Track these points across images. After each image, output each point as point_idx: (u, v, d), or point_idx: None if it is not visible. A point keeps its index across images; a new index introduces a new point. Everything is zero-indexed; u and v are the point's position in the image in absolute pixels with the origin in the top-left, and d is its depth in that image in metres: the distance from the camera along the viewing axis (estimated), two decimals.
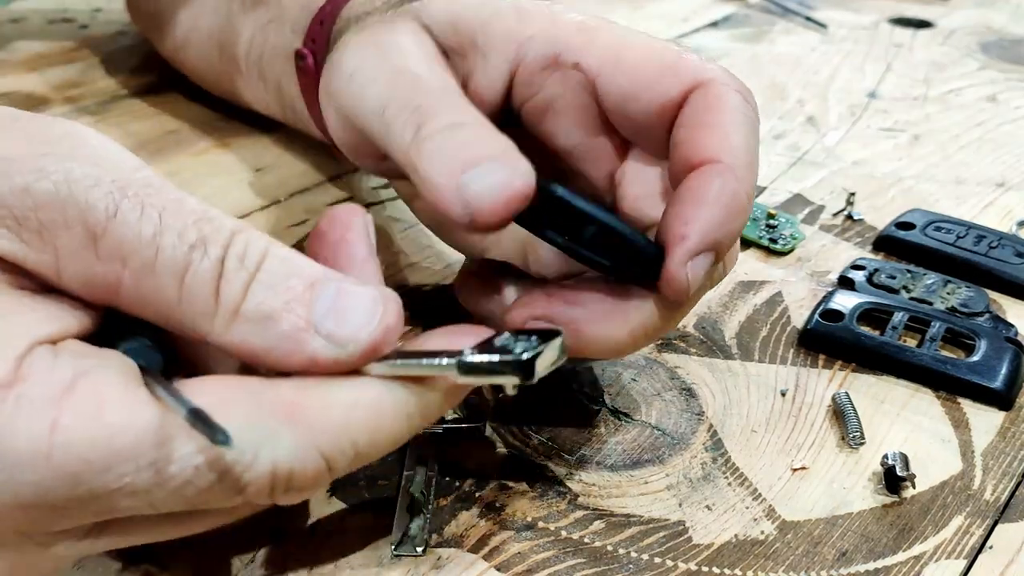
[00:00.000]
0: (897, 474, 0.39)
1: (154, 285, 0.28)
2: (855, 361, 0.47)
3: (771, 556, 0.37)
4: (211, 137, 0.64)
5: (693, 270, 0.33)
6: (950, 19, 0.95)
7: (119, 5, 0.77)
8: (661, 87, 0.36)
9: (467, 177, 0.32)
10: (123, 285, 0.28)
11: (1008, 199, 0.63)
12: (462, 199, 0.32)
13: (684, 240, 0.33)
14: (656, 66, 0.36)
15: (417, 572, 0.35)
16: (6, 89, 0.68)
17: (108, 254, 0.27)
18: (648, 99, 0.36)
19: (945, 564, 0.37)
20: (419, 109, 0.35)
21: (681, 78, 0.36)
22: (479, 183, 0.32)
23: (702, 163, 0.34)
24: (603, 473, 0.40)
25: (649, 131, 0.37)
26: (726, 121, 0.35)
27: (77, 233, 0.27)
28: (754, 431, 0.43)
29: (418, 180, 0.34)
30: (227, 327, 0.28)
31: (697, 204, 0.33)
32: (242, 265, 0.28)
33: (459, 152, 0.33)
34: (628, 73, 0.37)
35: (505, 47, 0.38)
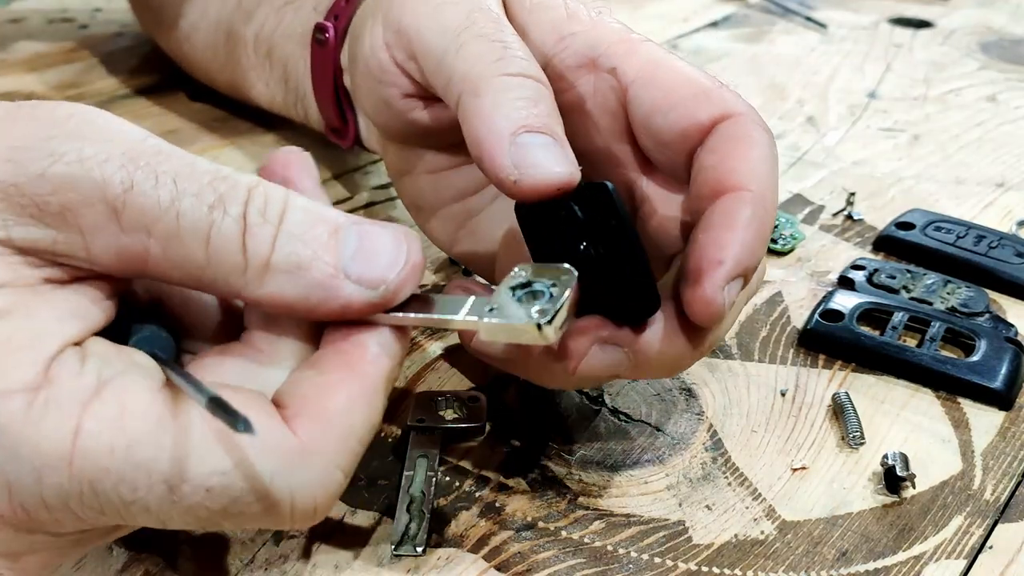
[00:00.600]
0: (897, 474, 0.39)
1: (181, 249, 0.28)
2: (855, 361, 0.47)
3: (771, 556, 0.37)
4: (211, 137, 0.64)
5: (728, 294, 0.33)
6: (950, 19, 0.95)
7: (119, 5, 0.77)
8: (691, 109, 0.36)
9: (526, 138, 0.33)
10: (151, 254, 0.28)
11: (1008, 199, 0.63)
12: (514, 156, 0.33)
13: (721, 265, 0.33)
14: (691, 89, 0.37)
15: (417, 572, 0.35)
16: (6, 89, 0.68)
17: (132, 225, 0.28)
18: (676, 117, 0.37)
19: (945, 564, 0.37)
20: (503, 43, 0.36)
21: (713, 106, 0.36)
22: (538, 152, 0.33)
23: (732, 189, 0.35)
24: (603, 473, 0.40)
25: (670, 149, 0.38)
26: (754, 154, 0.35)
27: (99, 210, 0.27)
28: (754, 431, 0.43)
29: (474, 109, 0.34)
30: (259, 281, 0.29)
31: (731, 229, 0.34)
32: (265, 219, 0.29)
33: (531, 108, 0.34)
34: (662, 88, 0.37)
35: (547, 37, 0.39)
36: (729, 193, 0.35)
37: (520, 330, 0.29)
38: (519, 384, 0.44)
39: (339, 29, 0.51)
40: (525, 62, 0.36)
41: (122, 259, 0.28)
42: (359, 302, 0.29)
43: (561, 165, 0.33)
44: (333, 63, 0.52)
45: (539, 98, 0.35)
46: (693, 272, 0.34)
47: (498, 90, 0.35)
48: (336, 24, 0.51)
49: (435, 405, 0.42)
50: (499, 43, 0.36)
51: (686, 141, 0.37)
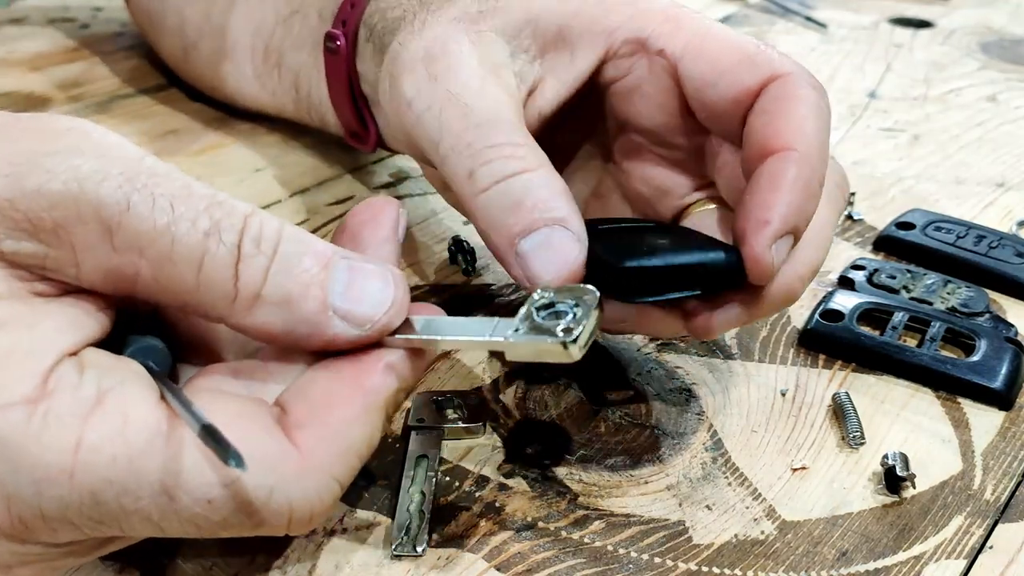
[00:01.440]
0: (897, 474, 0.39)
1: (172, 273, 0.28)
2: (855, 361, 0.47)
3: (771, 556, 0.37)
4: (211, 137, 0.64)
5: (777, 252, 0.35)
6: (950, 19, 0.95)
7: (119, 4, 0.77)
8: (739, 76, 0.38)
9: (523, 246, 0.35)
10: (141, 275, 0.28)
11: (1008, 199, 0.63)
12: (520, 267, 0.35)
13: (767, 225, 0.35)
14: (736, 56, 0.38)
15: (417, 572, 0.35)
16: (7, 89, 0.68)
17: (125, 246, 0.28)
18: (726, 86, 0.38)
19: (945, 564, 0.37)
20: (470, 147, 0.37)
21: (759, 69, 0.38)
22: (536, 257, 0.35)
23: (777, 151, 0.36)
24: (603, 473, 0.40)
25: (724, 118, 0.39)
26: (800, 112, 0.36)
27: (92, 229, 0.27)
28: (754, 431, 0.43)
29: (478, 230, 0.37)
30: (247, 311, 0.29)
31: (775, 190, 0.35)
32: (259, 249, 0.29)
33: (514, 214, 0.35)
34: (709, 60, 0.38)
35: (594, 40, 0.40)
36: (774, 154, 0.36)
37: (546, 349, 0.30)
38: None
39: (349, 34, 0.51)
40: (494, 163, 0.36)
41: (111, 279, 0.28)
42: (344, 338, 0.30)
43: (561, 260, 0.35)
44: (347, 70, 0.51)
45: (520, 195, 0.35)
46: (740, 233, 0.35)
47: (482, 209, 0.36)
48: (345, 30, 0.51)
49: (435, 405, 0.42)
50: (467, 150, 0.37)
51: (738, 107, 0.38)
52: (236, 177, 0.59)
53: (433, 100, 0.38)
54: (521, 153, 0.36)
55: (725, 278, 0.36)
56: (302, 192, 0.58)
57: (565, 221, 0.35)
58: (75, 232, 0.27)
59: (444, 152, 0.37)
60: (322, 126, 0.58)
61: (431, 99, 0.38)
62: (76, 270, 0.28)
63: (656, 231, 0.39)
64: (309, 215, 0.56)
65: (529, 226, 0.35)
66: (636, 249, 0.36)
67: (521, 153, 0.36)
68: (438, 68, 0.39)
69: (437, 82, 0.38)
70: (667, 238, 0.38)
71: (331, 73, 0.53)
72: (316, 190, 0.59)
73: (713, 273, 0.36)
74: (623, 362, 0.46)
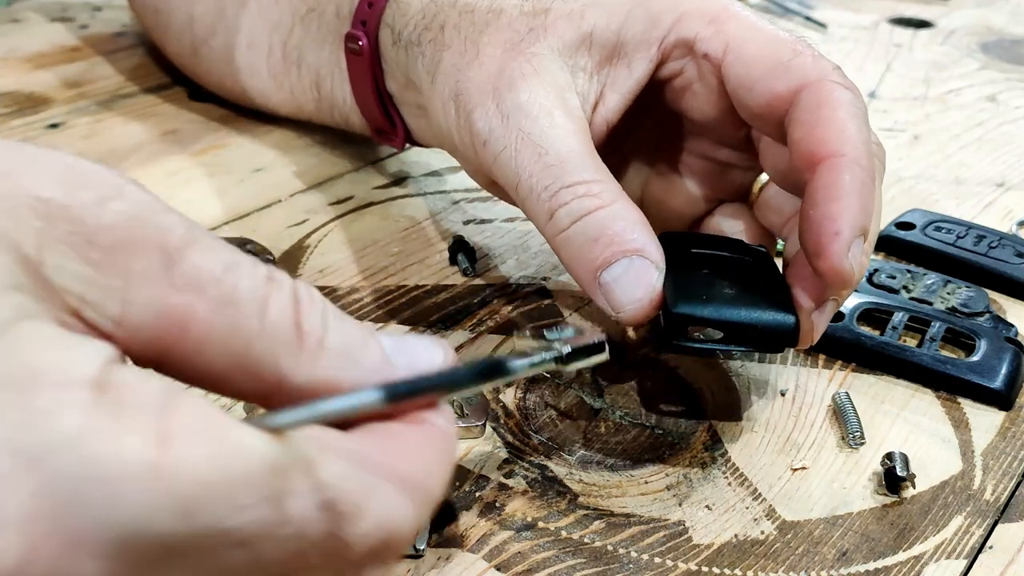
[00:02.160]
0: (897, 474, 0.39)
1: (235, 317, 0.24)
2: (855, 361, 0.47)
3: (771, 556, 0.37)
4: (211, 137, 0.64)
5: (854, 258, 0.36)
6: (950, 19, 0.95)
7: (120, 3, 0.77)
8: (771, 83, 0.39)
9: (605, 277, 0.37)
10: (196, 320, 0.24)
11: (1008, 199, 0.63)
12: (605, 296, 0.37)
13: (840, 236, 0.36)
14: (770, 62, 0.39)
15: (417, 572, 0.35)
16: (7, 89, 0.68)
17: (184, 282, 0.24)
18: (759, 92, 0.40)
19: (945, 564, 0.37)
20: (547, 190, 0.39)
21: (791, 76, 0.39)
22: (618, 287, 0.37)
23: (825, 158, 0.37)
24: (603, 473, 0.40)
25: (763, 119, 0.40)
26: (839, 116, 0.38)
27: (154, 258, 0.24)
28: (754, 431, 0.43)
29: (564, 267, 0.40)
30: (313, 362, 0.25)
31: (838, 200, 0.36)
32: (312, 298, 0.26)
33: (593, 249, 0.38)
34: (746, 65, 0.40)
35: (646, 51, 0.42)
36: (824, 162, 0.37)
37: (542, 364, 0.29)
38: None
39: (371, 34, 0.51)
40: (571, 204, 0.38)
41: (162, 320, 0.24)
42: None
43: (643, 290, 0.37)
44: (371, 69, 0.52)
45: (598, 230, 0.38)
46: (814, 247, 0.36)
47: (563, 248, 0.39)
48: (366, 29, 0.51)
49: None
50: (544, 194, 0.39)
51: (773, 112, 0.39)
52: (236, 177, 0.59)
53: (508, 141, 0.40)
54: (596, 190, 0.39)
55: (778, 342, 0.37)
56: (302, 192, 0.58)
57: (642, 251, 0.37)
58: (134, 257, 0.24)
59: (523, 194, 0.40)
60: (346, 126, 0.58)
61: (505, 140, 0.40)
62: (121, 308, 0.24)
63: (736, 268, 0.40)
64: (309, 215, 0.56)
65: (609, 259, 0.37)
66: (697, 291, 0.37)
67: (596, 190, 0.39)
68: (507, 106, 0.41)
69: (509, 122, 0.41)
70: (739, 282, 0.38)
71: (354, 73, 0.53)
72: (316, 190, 0.59)
73: (766, 336, 0.37)
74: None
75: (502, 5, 0.45)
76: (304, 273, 0.51)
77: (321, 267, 0.52)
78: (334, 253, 0.53)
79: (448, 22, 0.46)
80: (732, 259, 0.40)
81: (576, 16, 0.43)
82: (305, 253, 0.53)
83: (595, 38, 0.42)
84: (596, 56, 0.43)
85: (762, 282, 0.39)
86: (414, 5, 0.49)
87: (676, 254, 0.39)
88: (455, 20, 0.46)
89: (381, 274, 0.51)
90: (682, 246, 0.40)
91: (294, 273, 0.51)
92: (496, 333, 0.47)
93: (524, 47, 0.42)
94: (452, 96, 0.44)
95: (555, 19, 0.43)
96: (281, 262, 0.52)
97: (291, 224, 0.55)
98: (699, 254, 0.40)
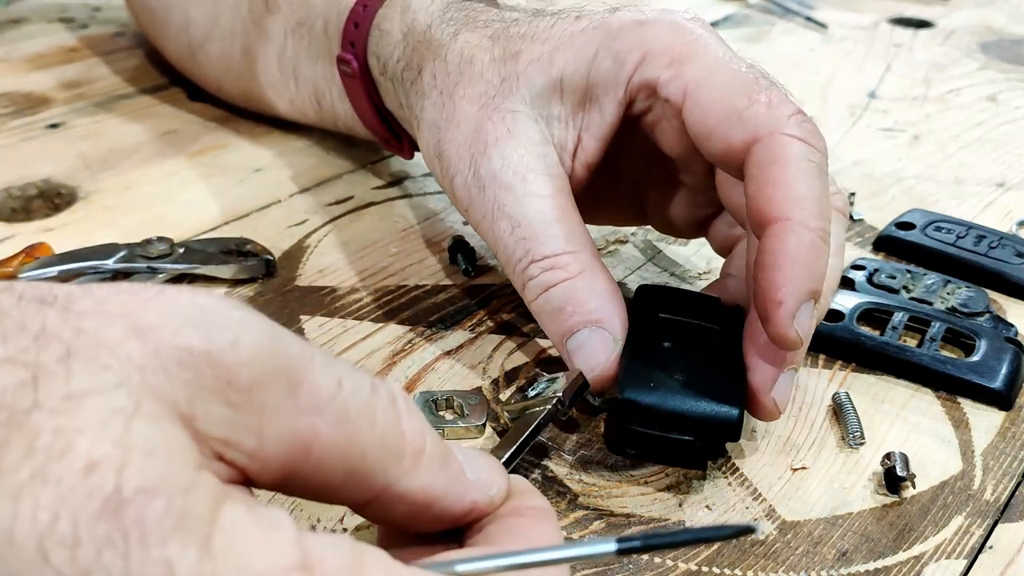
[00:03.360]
0: (897, 474, 0.39)
1: (350, 432, 0.25)
2: (855, 361, 0.47)
3: (771, 556, 0.37)
4: (211, 137, 0.64)
5: (800, 325, 0.37)
6: (950, 19, 0.95)
7: (119, 4, 0.77)
8: (726, 132, 0.39)
9: (569, 345, 0.40)
10: (319, 439, 0.25)
11: (1008, 199, 0.63)
12: (569, 362, 0.40)
13: (782, 305, 0.36)
14: (725, 110, 0.39)
15: None
16: (6, 89, 0.68)
17: (307, 405, 0.25)
18: (716, 141, 0.39)
19: (945, 564, 0.37)
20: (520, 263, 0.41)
21: (744, 128, 0.38)
22: (581, 353, 0.40)
23: (772, 222, 0.37)
24: (603, 473, 0.40)
25: (724, 164, 0.40)
26: (789, 175, 0.37)
27: (282, 387, 0.24)
28: (754, 431, 0.43)
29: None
30: (415, 470, 0.27)
31: (781, 268, 0.36)
32: (411, 409, 0.27)
33: (556, 320, 0.40)
34: (703, 111, 0.40)
35: (615, 93, 0.42)
36: (770, 227, 0.37)
37: None
38: None
39: (359, 56, 0.51)
40: (539, 277, 0.41)
41: (291, 447, 0.24)
42: (483, 502, 0.29)
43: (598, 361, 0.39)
44: (366, 91, 0.52)
45: (563, 302, 0.40)
46: (762, 313, 0.37)
47: (537, 314, 0.41)
48: (355, 51, 0.51)
49: (435, 405, 0.42)
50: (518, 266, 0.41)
51: (730, 160, 0.39)
52: (236, 177, 0.59)
53: (486, 211, 0.42)
54: (563, 262, 0.40)
55: (723, 434, 0.37)
56: (302, 192, 0.58)
57: (601, 321, 0.39)
58: (267, 391, 0.24)
59: (502, 261, 0.42)
60: (352, 134, 0.58)
61: (484, 210, 0.42)
62: (257, 442, 0.24)
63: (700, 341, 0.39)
64: (309, 215, 0.56)
65: (572, 328, 0.40)
66: (647, 375, 0.37)
67: (563, 262, 0.40)
68: (483, 174, 0.42)
69: (485, 192, 0.42)
70: (697, 362, 0.38)
71: (351, 93, 0.53)
72: (316, 190, 0.59)
73: (711, 428, 0.37)
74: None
75: (472, 52, 0.44)
76: (304, 273, 0.51)
77: (321, 267, 0.52)
78: (334, 253, 0.53)
79: (425, 67, 0.46)
80: (698, 329, 0.40)
81: (545, 62, 0.43)
82: (305, 253, 0.53)
83: (565, 84, 0.42)
84: (568, 103, 0.43)
85: (722, 360, 0.39)
86: (394, 35, 0.49)
87: (643, 318, 0.40)
88: (431, 66, 0.46)
89: (381, 274, 0.51)
90: (652, 308, 0.41)
91: (294, 273, 0.51)
92: (496, 333, 0.47)
93: (498, 103, 0.43)
94: (436, 155, 0.45)
95: (526, 66, 0.43)
96: (281, 262, 0.52)
97: (291, 224, 0.55)
98: (666, 320, 0.40)
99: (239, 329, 0.24)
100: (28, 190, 0.57)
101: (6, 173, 0.58)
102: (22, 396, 0.21)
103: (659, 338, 0.39)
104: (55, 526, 0.20)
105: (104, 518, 0.20)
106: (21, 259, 0.48)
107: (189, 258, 0.49)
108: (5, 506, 0.20)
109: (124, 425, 0.21)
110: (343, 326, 0.47)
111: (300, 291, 0.50)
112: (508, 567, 0.25)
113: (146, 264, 0.48)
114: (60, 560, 0.19)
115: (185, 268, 0.49)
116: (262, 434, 0.24)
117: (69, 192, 0.57)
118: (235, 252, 0.50)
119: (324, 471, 0.25)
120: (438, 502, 0.28)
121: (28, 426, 0.20)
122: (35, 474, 0.20)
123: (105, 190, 0.57)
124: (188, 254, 0.50)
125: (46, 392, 0.21)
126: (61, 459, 0.20)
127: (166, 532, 0.20)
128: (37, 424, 0.20)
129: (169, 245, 0.49)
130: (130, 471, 0.20)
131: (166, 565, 0.20)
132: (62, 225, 0.54)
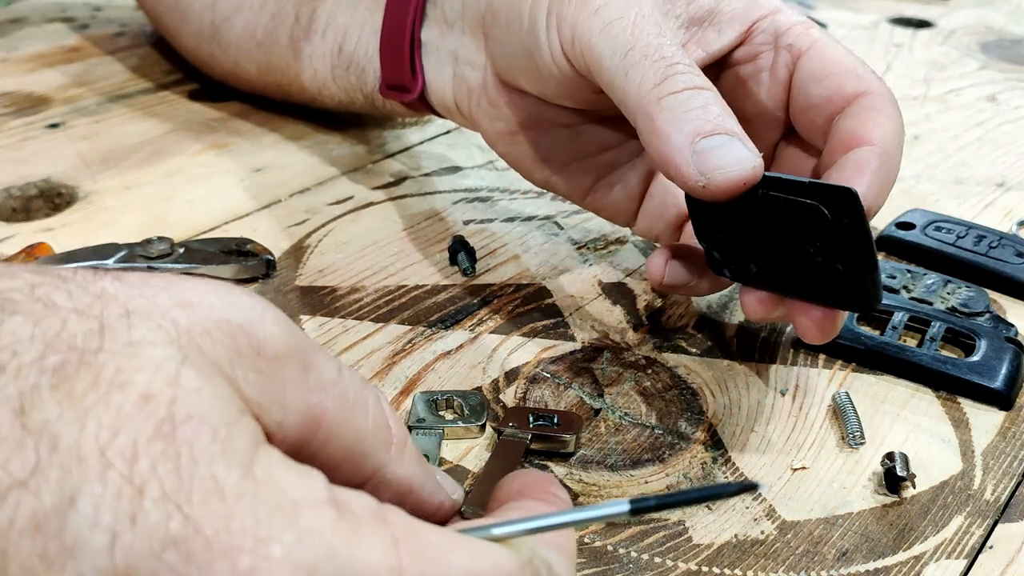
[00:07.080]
0: (897, 474, 0.39)
1: (350, 416, 0.28)
2: (855, 361, 0.47)
3: (771, 556, 0.37)
4: (210, 137, 0.64)
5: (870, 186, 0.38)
6: (950, 19, 0.95)
7: (119, 3, 0.78)
8: (841, 80, 0.42)
9: (705, 144, 0.37)
10: (326, 416, 0.28)
11: (1008, 199, 0.63)
12: (697, 163, 0.37)
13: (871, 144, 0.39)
14: (845, 66, 0.42)
15: None
16: (6, 89, 0.68)
17: (317, 385, 0.27)
18: (827, 85, 0.42)
19: (945, 564, 0.37)
20: (664, 60, 0.39)
21: (859, 82, 0.42)
22: (717, 154, 0.37)
23: (863, 144, 0.40)
24: (603, 473, 0.40)
25: (815, 113, 0.42)
26: (884, 121, 0.41)
27: (298, 364, 0.27)
28: (754, 431, 0.43)
29: (651, 130, 0.38)
30: (400, 458, 0.29)
31: (860, 174, 0.39)
32: (391, 408, 0.30)
33: (701, 116, 0.38)
34: (823, 61, 0.43)
35: (740, 25, 0.44)
36: (860, 147, 0.40)
37: None
38: None
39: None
40: (686, 75, 0.39)
41: (305, 420, 0.27)
42: (447, 504, 0.31)
43: (742, 162, 0.37)
44: (413, 14, 0.52)
45: (707, 104, 0.38)
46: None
47: (667, 108, 0.38)
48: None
49: (435, 405, 0.42)
50: (661, 62, 0.39)
51: (830, 106, 0.42)
52: (236, 177, 0.59)
53: (626, 11, 0.41)
54: (703, 80, 0.39)
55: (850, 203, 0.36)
56: (302, 192, 0.58)
57: (744, 140, 0.37)
58: (287, 366, 0.27)
59: (634, 59, 0.39)
60: (355, 83, 0.58)
61: (624, 10, 0.41)
62: (282, 411, 0.26)
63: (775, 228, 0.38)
64: (309, 215, 0.56)
65: (714, 128, 0.37)
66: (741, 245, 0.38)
67: (703, 80, 0.39)
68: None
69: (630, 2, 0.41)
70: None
71: (391, 21, 0.53)
72: (316, 190, 0.59)
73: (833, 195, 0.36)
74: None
75: None
76: (304, 273, 0.51)
77: (321, 267, 0.52)
78: (334, 253, 0.53)
79: None
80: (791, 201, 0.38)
81: None
82: (305, 253, 0.53)
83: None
84: (690, 12, 0.44)
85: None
86: None
87: None
88: None
89: (381, 274, 0.51)
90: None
91: (294, 273, 0.51)
92: (496, 333, 0.47)
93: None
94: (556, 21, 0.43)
95: None
96: (281, 262, 0.52)
97: (291, 224, 0.55)
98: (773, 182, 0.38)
99: (261, 309, 0.27)
100: (28, 190, 0.57)
101: (6, 173, 0.58)
102: (91, 340, 0.23)
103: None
104: (115, 441, 0.22)
105: (158, 438, 0.22)
106: (21, 259, 0.48)
107: (189, 258, 0.49)
108: (74, 425, 0.22)
109: (176, 370, 0.24)
110: (343, 326, 0.47)
111: (300, 291, 0.50)
112: (534, 529, 0.27)
113: (146, 264, 0.48)
114: (119, 471, 0.22)
115: (185, 268, 0.49)
116: (284, 405, 0.26)
117: (69, 192, 0.57)
118: (235, 252, 0.50)
119: (328, 448, 0.28)
120: (416, 492, 0.30)
121: (95, 364, 0.23)
122: (99, 400, 0.23)
123: (105, 190, 0.57)
124: (188, 254, 0.50)
125: (110, 339, 0.24)
126: (122, 390, 0.23)
127: (213, 455, 0.23)
128: (103, 362, 0.23)
129: (169, 245, 0.49)
130: (180, 405, 0.23)
131: (213, 480, 0.22)
132: (62, 225, 0.54)
